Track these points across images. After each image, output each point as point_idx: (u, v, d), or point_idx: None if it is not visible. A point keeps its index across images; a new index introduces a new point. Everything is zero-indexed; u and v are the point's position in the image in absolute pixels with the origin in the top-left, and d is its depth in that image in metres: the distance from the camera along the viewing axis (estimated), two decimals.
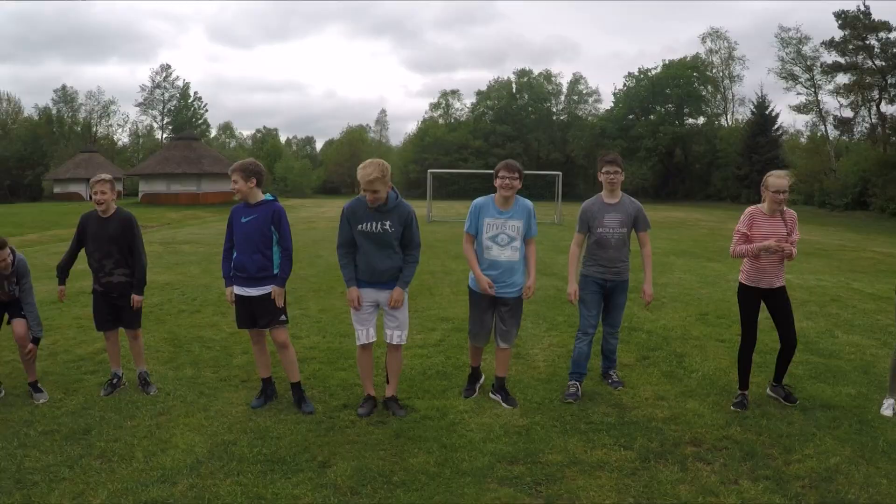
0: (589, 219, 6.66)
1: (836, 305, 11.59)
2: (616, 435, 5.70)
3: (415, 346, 8.28)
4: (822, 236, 26.88)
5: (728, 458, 5.29)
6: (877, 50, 49.44)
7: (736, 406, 6.37)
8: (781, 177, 6.26)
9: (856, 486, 4.87)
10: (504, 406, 6.37)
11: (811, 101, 58.98)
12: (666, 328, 9.60)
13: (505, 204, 6.22)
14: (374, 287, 6.09)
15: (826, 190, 51.40)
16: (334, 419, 5.97)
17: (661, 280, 14.04)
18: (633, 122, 74.84)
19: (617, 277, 6.68)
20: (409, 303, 10.48)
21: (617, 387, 6.91)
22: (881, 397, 6.58)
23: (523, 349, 8.28)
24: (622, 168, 6.66)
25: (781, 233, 6.26)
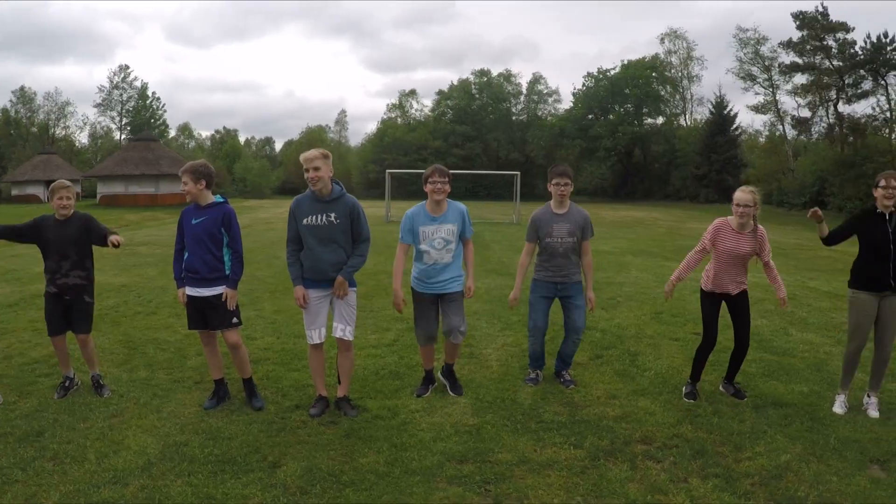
0: (538, 228, 6.83)
1: (791, 304, 11.67)
2: (566, 434, 5.70)
3: (368, 346, 8.26)
4: (779, 235, 27.23)
5: (678, 456, 5.31)
6: (834, 50, 50.48)
7: (687, 396, 6.60)
8: (746, 191, 6.40)
9: (805, 483, 4.90)
10: (451, 395, 6.61)
11: (769, 101, 60.21)
12: (620, 327, 9.65)
13: (437, 209, 6.35)
14: (322, 287, 6.09)
15: (784, 189, 52.27)
16: (286, 420, 5.93)
17: (617, 279, 14.17)
18: (592, 122, 75.36)
19: (567, 280, 6.85)
20: (365, 303, 10.59)
21: (569, 385, 6.97)
22: (833, 395, 6.66)
23: (476, 349, 8.28)
24: (572, 180, 6.84)
25: (746, 250, 6.40)
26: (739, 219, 6.36)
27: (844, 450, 5.49)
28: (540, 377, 7.09)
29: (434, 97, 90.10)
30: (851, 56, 48.91)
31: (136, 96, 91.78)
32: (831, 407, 6.42)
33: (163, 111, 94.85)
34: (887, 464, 5.31)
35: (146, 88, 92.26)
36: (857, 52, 48.59)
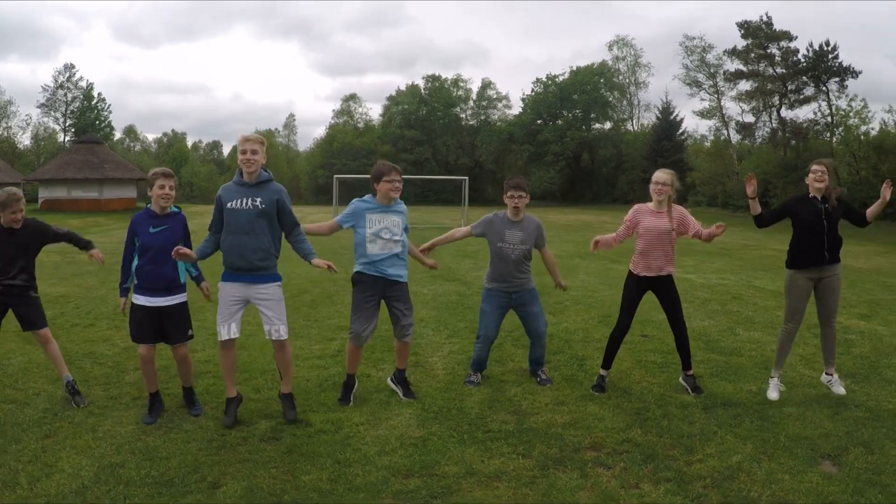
0: (490, 229, 6.99)
1: (737, 303, 11.87)
2: (514, 443, 5.61)
3: (312, 357, 8.09)
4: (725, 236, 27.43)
5: (629, 461, 5.26)
6: (778, 58, 52.59)
7: (594, 389, 6.89)
8: (665, 172, 6.86)
9: (758, 483, 4.90)
10: (403, 399, 6.60)
11: (714, 107, 62.29)
12: (568, 331, 9.62)
13: (389, 200, 6.47)
14: (242, 281, 5.96)
15: (729, 192, 53.80)
16: (226, 437, 5.72)
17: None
18: (541, 128, 76.09)
19: (520, 288, 7.02)
20: (310, 312, 10.45)
21: (546, 384, 7.08)
22: (782, 392, 6.72)
23: (422, 357, 8.16)
24: (527, 192, 6.96)
25: (666, 226, 6.70)
26: (657, 196, 6.75)
27: (795, 447, 5.52)
28: (478, 380, 7.15)
29: (384, 101, 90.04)
30: (794, 63, 50.94)
31: (81, 97, 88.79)
32: (766, 392, 6.72)
33: (108, 113, 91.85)
34: (839, 459, 5.35)
35: (92, 89, 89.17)
36: (799, 59, 50.68)
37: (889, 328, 10.26)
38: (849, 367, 7.97)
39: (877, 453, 5.46)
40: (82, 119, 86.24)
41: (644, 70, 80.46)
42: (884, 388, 7.22)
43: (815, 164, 6.62)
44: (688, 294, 12.83)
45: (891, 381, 7.44)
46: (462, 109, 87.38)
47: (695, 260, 19.49)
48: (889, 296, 13.57)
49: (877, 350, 8.86)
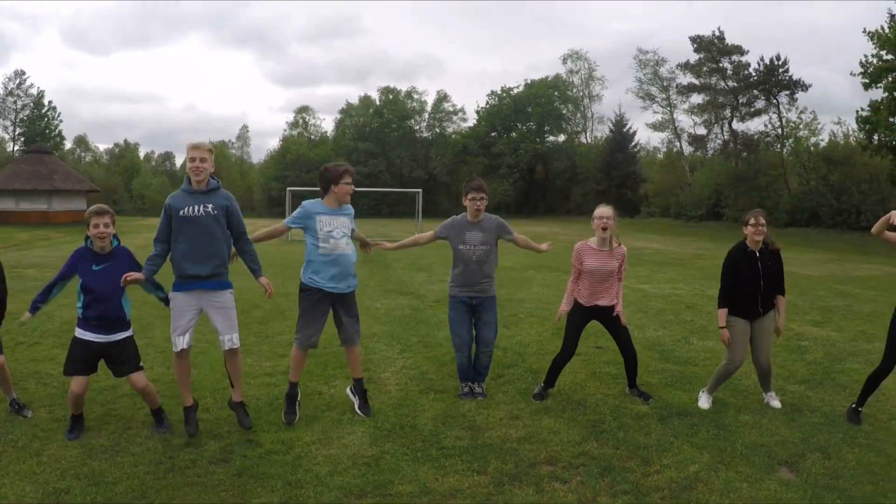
0: (451, 232, 7.03)
1: (690, 313, 11.95)
2: (469, 459, 5.52)
3: (263, 374, 7.90)
4: (678, 246, 28.17)
5: (585, 475, 5.21)
6: (729, 72, 54.37)
7: (535, 397, 7.03)
8: (605, 207, 6.96)
9: (716, 492, 4.89)
10: (357, 412, 6.55)
11: (667, 120, 63.97)
12: (522, 344, 9.56)
13: (336, 205, 6.45)
14: (196, 289, 5.93)
15: (681, 202, 54.99)
16: (174, 459, 5.54)
17: (518, 295, 14.15)
18: (495, 140, 76.67)
19: (482, 294, 7.02)
20: (261, 328, 10.25)
21: (478, 397, 7.04)
22: (737, 401, 6.83)
23: (375, 373, 8.02)
24: (487, 194, 7.04)
25: (613, 265, 6.88)
26: (602, 233, 6.82)
27: (752, 455, 5.53)
28: (480, 388, 7.16)
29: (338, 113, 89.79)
30: (746, 77, 52.66)
31: (31, 105, 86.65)
32: (698, 402, 6.82)
33: (59, 121, 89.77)
34: (796, 465, 5.38)
35: (42, 96, 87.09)
36: (751, 73, 52.41)
37: (841, 334, 10.40)
38: (803, 373, 8.05)
39: (834, 458, 5.51)
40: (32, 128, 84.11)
41: (598, 83, 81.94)
42: (838, 393, 7.30)
43: (754, 215, 6.61)
44: (642, 304, 12.92)
45: (844, 386, 7.52)
46: (417, 122, 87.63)
47: (648, 270, 19.67)
48: (841, 302, 13.77)
49: (830, 356, 8.97)
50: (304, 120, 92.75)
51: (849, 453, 5.61)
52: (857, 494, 4.89)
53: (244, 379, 7.24)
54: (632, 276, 17.85)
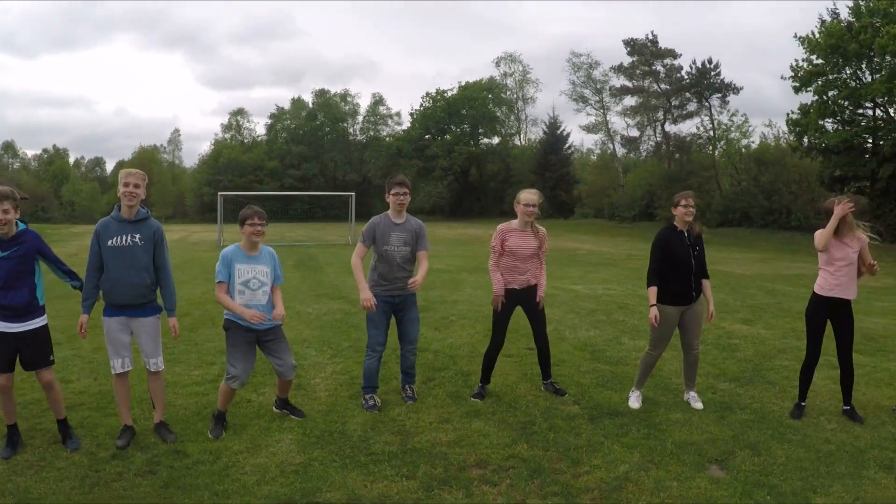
0: (375, 235, 7.01)
1: (623, 312, 12.07)
2: (398, 464, 5.48)
3: (192, 384, 7.76)
4: (611, 247, 28.56)
5: (515, 477, 5.19)
6: (662, 75, 55.38)
7: (474, 396, 7.13)
8: (532, 193, 7.15)
9: (646, 492, 4.92)
10: (293, 418, 6.58)
11: (600, 122, 64.79)
12: (453, 347, 9.53)
13: (253, 249, 6.43)
14: (124, 315, 6.04)
15: (615, 203, 55.89)
16: (101, 472, 5.39)
17: (451, 297, 14.12)
18: (429, 142, 76.53)
19: (403, 292, 7.03)
20: (190, 335, 10.06)
21: (409, 401, 7.05)
22: (668, 399, 6.91)
23: (304, 379, 7.92)
24: (410, 189, 7.15)
25: (532, 245, 7.08)
26: (526, 217, 7.05)
27: (682, 453, 5.58)
28: (378, 403, 6.96)
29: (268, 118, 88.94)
30: (678, 80, 53.68)
31: None
32: (629, 402, 6.89)
33: None
34: (726, 462, 5.44)
35: None
36: (683, 76, 53.44)
37: (771, 331, 10.61)
38: (733, 371, 8.17)
39: (763, 454, 5.59)
40: None
41: (532, 86, 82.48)
42: (768, 389, 7.42)
43: (684, 196, 6.82)
44: (574, 305, 13.02)
45: (774, 383, 7.66)
46: (351, 124, 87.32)
47: (581, 271, 19.87)
48: (771, 300, 14.07)
49: (760, 353, 9.13)
50: (237, 123, 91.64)
51: (778, 449, 5.70)
52: (786, 490, 4.95)
53: (173, 388, 7.40)
54: (564, 276, 18.02)
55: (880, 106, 34.05)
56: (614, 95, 60.72)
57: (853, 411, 6.56)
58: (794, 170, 42.58)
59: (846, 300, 6.50)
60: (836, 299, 6.48)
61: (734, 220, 44.86)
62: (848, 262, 6.42)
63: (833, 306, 6.51)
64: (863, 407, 6.84)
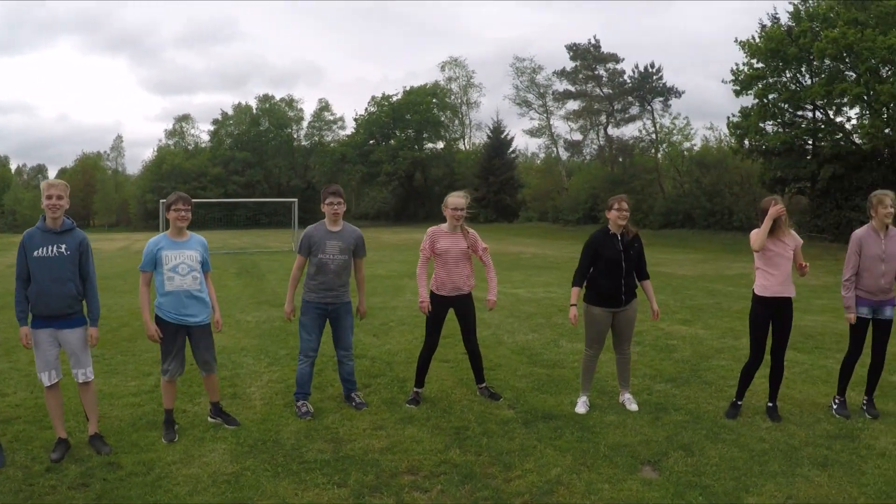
0: (311, 244, 7.04)
1: (562, 316, 12.13)
2: (330, 472, 5.45)
3: (128, 395, 7.64)
4: (554, 250, 28.81)
5: (446, 483, 5.17)
6: (605, 79, 56.27)
7: (409, 402, 7.14)
8: (460, 196, 7.26)
9: (577, 495, 4.92)
10: (228, 428, 6.52)
11: (544, 126, 65.32)
12: (391, 353, 9.50)
13: (180, 235, 6.48)
14: (51, 327, 5.98)
15: (559, 207, 56.39)
16: (34, 486, 5.27)
17: (391, 303, 14.08)
18: (373, 148, 76.45)
19: (337, 300, 7.07)
20: (128, 346, 9.91)
21: (361, 408, 7.06)
22: (603, 402, 6.94)
23: (240, 388, 7.86)
24: (345, 199, 7.16)
25: (462, 247, 7.13)
26: (454, 221, 7.15)
27: (615, 455, 5.60)
28: (311, 409, 6.93)
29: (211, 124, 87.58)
30: (621, 84, 54.73)
31: None
32: (574, 408, 6.87)
33: None
34: (659, 464, 5.47)
35: None
36: (625, 80, 54.46)
37: (710, 331, 10.76)
38: (670, 371, 8.26)
39: (697, 455, 5.63)
40: None
41: (476, 90, 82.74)
42: (704, 389, 7.51)
43: (617, 200, 6.87)
44: (514, 309, 13.07)
45: (710, 383, 7.75)
46: (295, 130, 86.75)
47: (523, 274, 19.98)
48: (711, 300, 14.28)
49: (698, 353, 9.25)
50: (182, 129, 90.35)
51: (712, 450, 5.75)
52: (718, 490, 4.99)
53: (109, 400, 7.32)
54: (506, 280, 18.05)
55: (819, 108, 34.93)
56: (557, 100, 61.41)
57: (775, 409, 6.68)
58: (736, 171, 43.43)
59: (787, 298, 6.59)
60: (778, 298, 6.57)
61: (677, 221, 45.55)
62: (785, 260, 6.52)
63: (776, 306, 6.60)
64: (799, 404, 7.00)
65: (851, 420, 6.51)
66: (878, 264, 6.57)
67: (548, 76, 63.45)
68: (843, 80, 31.45)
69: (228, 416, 6.71)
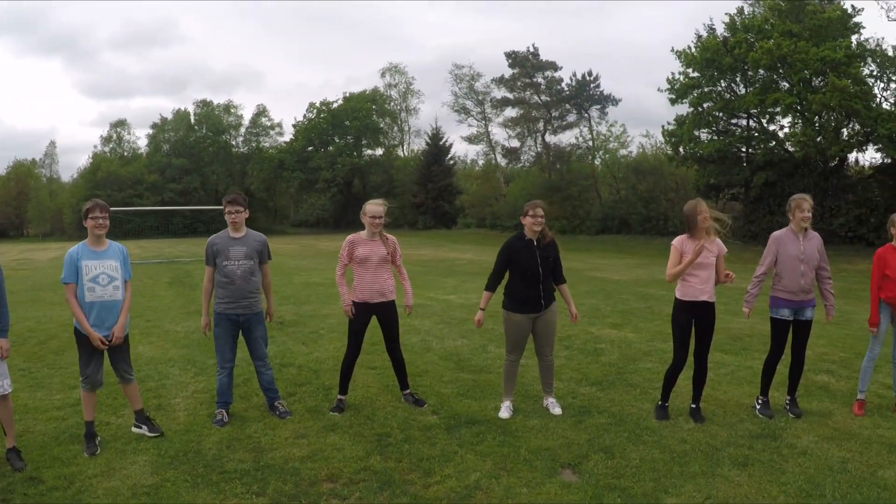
0: (215, 252, 7.04)
1: (492, 321, 12.02)
2: (249, 482, 5.40)
3: (52, 409, 7.49)
4: (490, 256, 28.61)
5: (365, 490, 5.16)
6: (543, 87, 57.06)
7: (333, 410, 7.13)
8: (378, 204, 7.29)
9: (495, 499, 4.93)
10: (149, 436, 6.48)
11: (482, 133, 65.78)
12: (318, 361, 9.42)
13: (99, 244, 6.37)
14: None
15: (497, 213, 56.90)
16: None
17: (322, 311, 13.96)
18: (312, 154, 76.10)
19: (248, 311, 7.05)
20: (56, 359, 9.82)
21: (285, 416, 7.02)
22: (527, 406, 6.98)
23: (165, 399, 7.76)
24: (245, 207, 7.16)
25: (381, 253, 7.20)
26: (373, 228, 7.19)
27: (535, 459, 5.62)
28: (226, 418, 6.91)
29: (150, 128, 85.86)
30: (558, 92, 55.66)
31: None
32: (499, 413, 6.89)
33: None
34: (579, 466, 5.50)
35: None
36: (563, 88, 55.38)
37: (639, 334, 10.90)
38: (597, 375, 8.34)
39: (617, 457, 5.69)
40: None
41: (416, 97, 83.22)
42: (628, 392, 7.59)
43: (532, 206, 6.88)
44: (445, 315, 13.10)
45: (636, 385, 7.84)
46: (233, 136, 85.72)
47: (457, 280, 20.05)
48: (642, 304, 14.47)
49: (625, 356, 9.35)
50: (118, 134, 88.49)
51: (633, 451, 5.81)
52: (637, 492, 5.04)
53: (33, 414, 7.22)
54: (439, 287, 18.12)
55: (753, 117, 35.86)
56: (496, 107, 62.18)
57: (698, 410, 6.78)
58: (671, 178, 44.33)
59: (708, 302, 6.70)
60: (699, 303, 6.68)
61: (613, 227, 46.27)
62: (708, 266, 6.64)
63: (697, 310, 6.71)
64: (723, 405, 7.12)
65: (775, 420, 6.65)
66: (798, 264, 6.74)
67: (486, 83, 64.36)
68: (777, 89, 32.33)
69: (152, 424, 6.62)
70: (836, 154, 32.28)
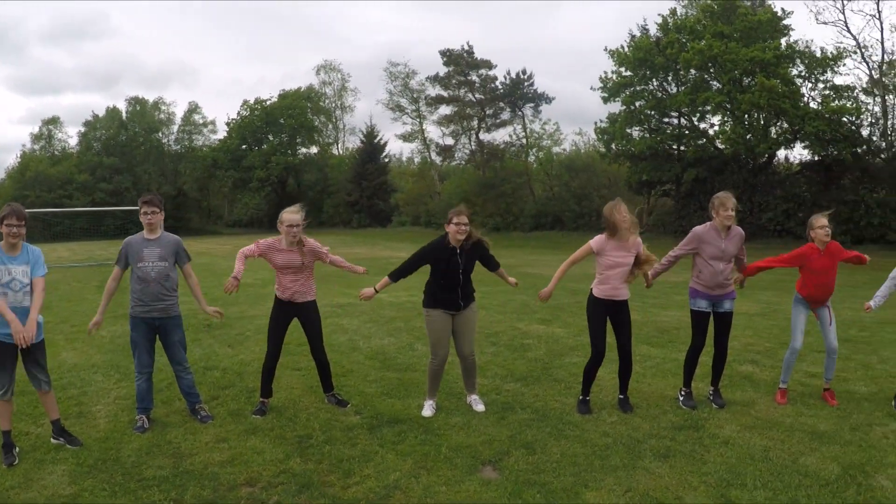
0: (128, 254, 6.94)
1: (422, 319, 12.08)
2: (167, 489, 5.30)
3: None
4: None
5: (283, 493, 5.11)
6: (477, 85, 57.40)
7: (255, 413, 7.03)
8: (294, 212, 7.21)
9: (414, 498, 4.94)
10: (70, 448, 6.29)
11: (417, 130, 65.55)
12: (243, 363, 9.30)
13: (13, 250, 6.20)
14: None
15: (431, 211, 57.09)
16: None
17: (250, 312, 13.81)
18: (245, 153, 75.11)
19: (164, 315, 6.93)
20: None
21: (207, 421, 6.90)
22: (450, 404, 7.00)
23: (86, 406, 7.56)
24: (161, 208, 7.05)
25: (296, 260, 7.14)
26: (290, 238, 7.08)
27: (455, 457, 5.63)
28: (146, 425, 6.77)
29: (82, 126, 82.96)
30: (493, 90, 56.12)
31: None
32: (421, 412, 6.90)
33: None
34: (499, 463, 5.53)
35: None
36: (497, 86, 55.87)
37: (567, 329, 11.00)
38: (522, 370, 8.39)
39: (538, 453, 5.73)
40: None
41: (351, 94, 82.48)
42: (552, 387, 7.66)
43: (456, 213, 6.86)
44: (374, 314, 13.04)
45: (560, 380, 7.91)
46: (165, 134, 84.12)
47: None
48: (572, 299, 14.58)
49: (552, 352, 9.43)
50: (49, 132, 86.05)
51: (554, 447, 5.85)
52: (557, 487, 5.08)
53: None
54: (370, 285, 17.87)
55: (684, 115, 36.64)
56: (430, 105, 62.06)
57: (626, 401, 6.92)
58: (604, 175, 45.07)
59: (622, 301, 6.83)
60: (612, 300, 6.79)
61: (547, 223, 46.77)
62: (623, 266, 6.80)
63: (611, 306, 6.86)
64: (647, 397, 7.24)
65: (698, 410, 6.78)
66: (717, 263, 6.89)
67: (421, 81, 64.07)
68: (708, 89, 33.11)
69: (71, 437, 6.46)
70: (765, 151, 33.25)
